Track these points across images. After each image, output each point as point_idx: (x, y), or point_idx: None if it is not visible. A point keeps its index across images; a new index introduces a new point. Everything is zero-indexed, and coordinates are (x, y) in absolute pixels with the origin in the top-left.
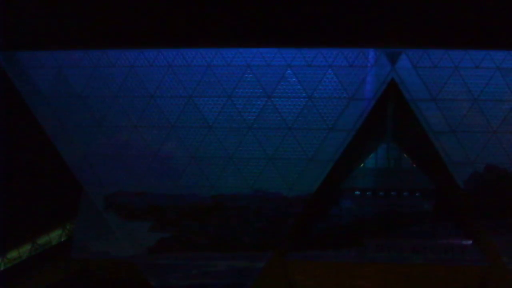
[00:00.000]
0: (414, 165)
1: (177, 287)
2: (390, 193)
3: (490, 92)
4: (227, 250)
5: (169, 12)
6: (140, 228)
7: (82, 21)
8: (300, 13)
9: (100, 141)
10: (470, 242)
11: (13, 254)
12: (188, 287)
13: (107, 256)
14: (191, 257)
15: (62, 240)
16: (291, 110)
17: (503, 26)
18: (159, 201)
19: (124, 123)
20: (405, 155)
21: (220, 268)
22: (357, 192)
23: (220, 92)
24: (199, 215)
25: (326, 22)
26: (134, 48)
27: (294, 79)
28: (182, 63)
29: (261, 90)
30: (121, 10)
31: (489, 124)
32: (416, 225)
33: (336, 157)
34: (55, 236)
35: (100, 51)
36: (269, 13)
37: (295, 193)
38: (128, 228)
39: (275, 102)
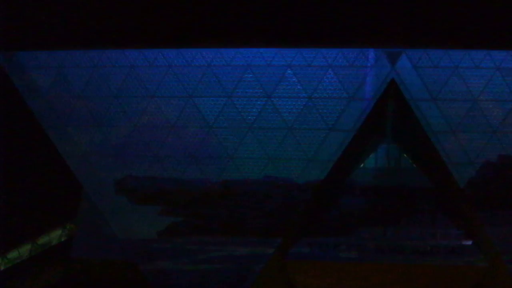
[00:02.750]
0: (414, 165)
1: (182, 271)
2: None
3: (490, 92)
4: (236, 235)
5: (169, 12)
6: (149, 212)
7: (82, 21)
8: (300, 13)
9: (100, 141)
10: (470, 242)
11: (13, 254)
12: (193, 272)
13: (107, 256)
14: (199, 242)
15: (62, 240)
16: (291, 110)
17: (503, 26)
18: (169, 185)
19: (124, 123)
20: (405, 155)
21: (228, 253)
22: (357, 192)
23: (220, 92)
24: (208, 200)
25: (326, 22)
26: (134, 48)
27: (294, 79)
28: (182, 63)
29: (261, 90)
30: (121, 10)
31: (489, 124)
32: (416, 225)
33: (336, 157)
34: (55, 236)
35: (100, 51)
36: (269, 13)
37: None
38: (138, 212)
39: (275, 102)
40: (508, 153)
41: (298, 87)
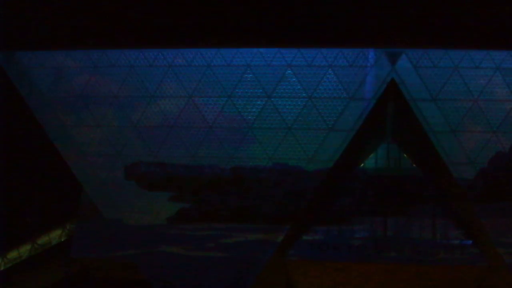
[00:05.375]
0: (414, 165)
1: (188, 258)
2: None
3: (490, 92)
4: (245, 222)
5: (169, 12)
6: (158, 198)
7: (82, 21)
8: (300, 13)
9: (100, 141)
10: (470, 242)
11: (13, 254)
12: (199, 259)
13: (107, 256)
14: (208, 228)
15: (62, 240)
16: (291, 110)
17: (503, 26)
18: (179, 171)
19: (124, 123)
20: (405, 155)
21: (236, 240)
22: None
23: (220, 92)
24: (218, 187)
25: (326, 22)
26: (134, 48)
27: (294, 79)
28: (182, 63)
29: (261, 90)
30: (121, 10)
31: (489, 124)
32: (416, 225)
33: (336, 157)
34: (55, 236)
35: (100, 51)
36: (270, 13)
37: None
38: (146, 198)
39: (275, 102)
40: (508, 153)
41: (298, 87)
